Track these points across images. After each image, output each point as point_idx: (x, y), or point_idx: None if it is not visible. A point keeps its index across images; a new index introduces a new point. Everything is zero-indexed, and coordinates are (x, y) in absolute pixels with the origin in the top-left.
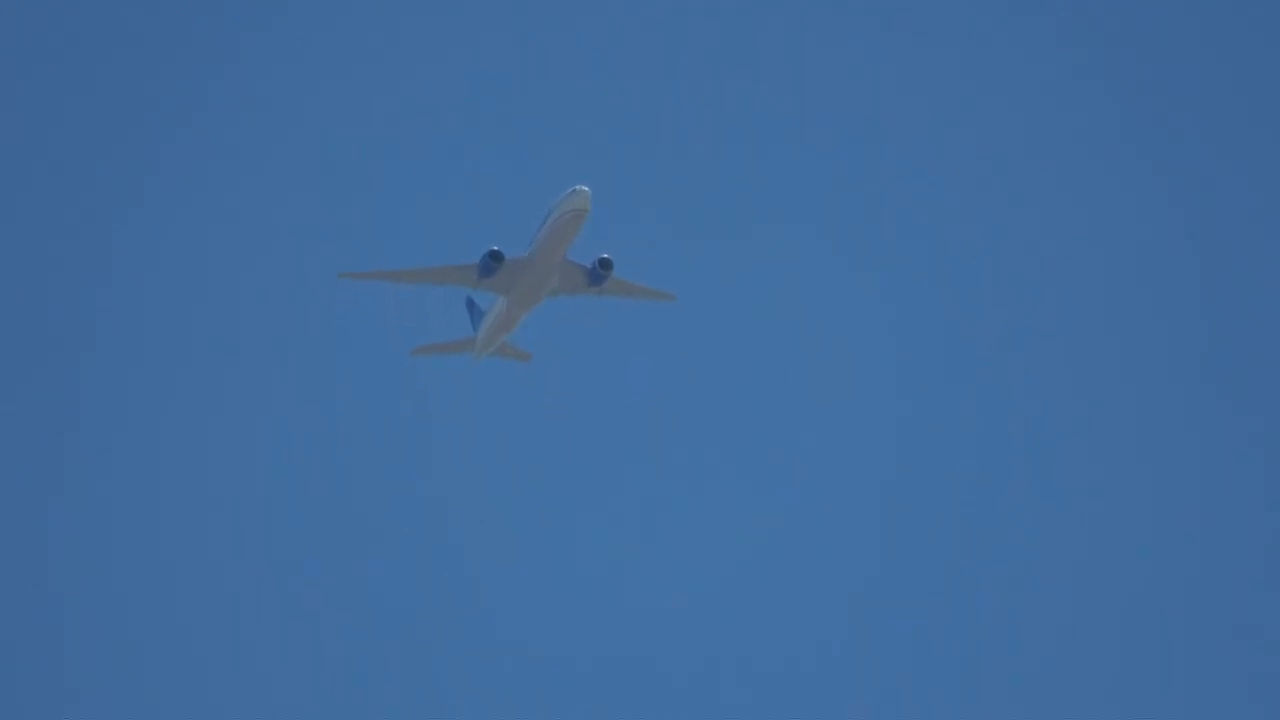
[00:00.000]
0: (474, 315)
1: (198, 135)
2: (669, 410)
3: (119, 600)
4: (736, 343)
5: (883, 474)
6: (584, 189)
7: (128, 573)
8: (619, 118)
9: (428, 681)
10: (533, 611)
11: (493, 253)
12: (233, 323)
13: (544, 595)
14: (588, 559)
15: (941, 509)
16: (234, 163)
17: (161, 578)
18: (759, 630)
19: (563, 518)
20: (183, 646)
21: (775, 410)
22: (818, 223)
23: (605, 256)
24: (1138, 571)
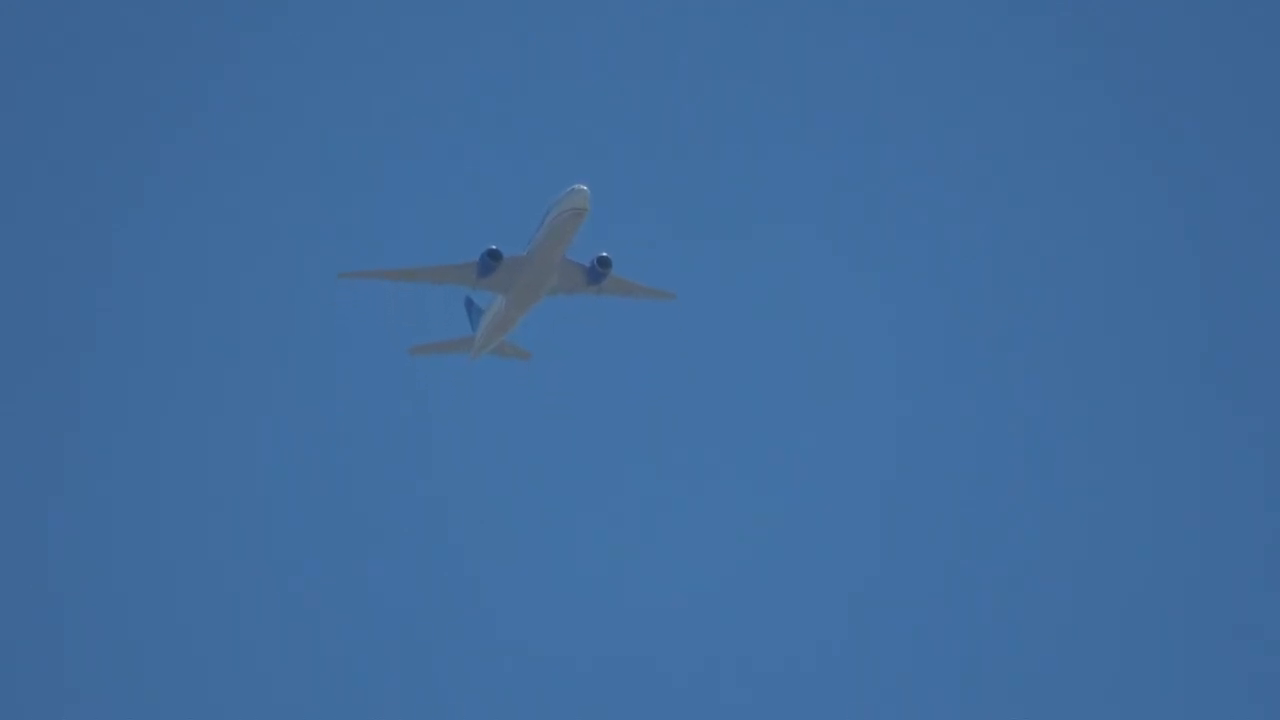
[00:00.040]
0: (472, 315)
1: (198, 135)
2: (668, 409)
3: (119, 600)
4: (736, 342)
5: (883, 474)
6: (583, 188)
7: (128, 572)
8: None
9: (428, 681)
10: (533, 612)
11: (491, 251)
12: (232, 322)
13: (544, 595)
14: (588, 559)
15: (941, 509)
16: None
17: (162, 577)
18: (759, 630)
19: (563, 518)
20: (183, 646)
21: (775, 410)
22: (818, 223)
23: (604, 255)
24: (1138, 571)
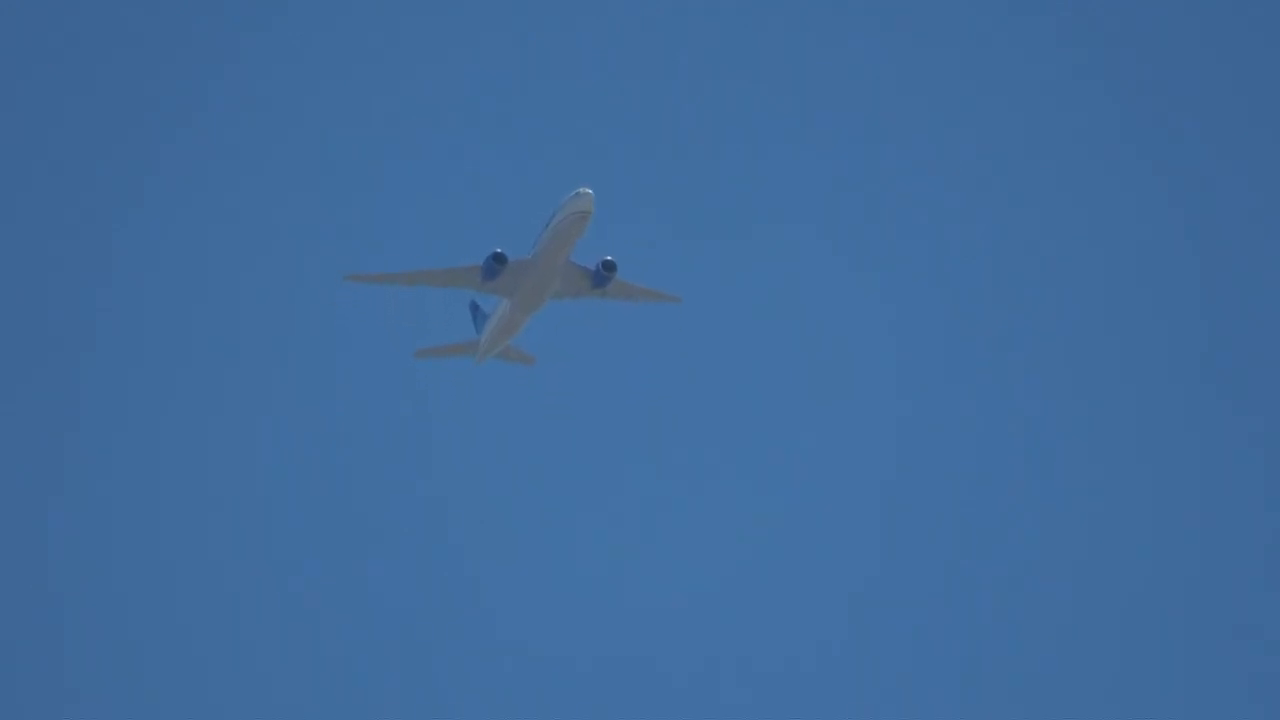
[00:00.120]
0: (477, 318)
1: (198, 135)
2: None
3: (119, 600)
4: (737, 343)
5: (883, 474)
6: (587, 191)
7: (128, 573)
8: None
9: (428, 681)
10: (533, 611)
11: (496, 255)
12: (234, 323)
13: (544, 595)
14: (588, 559)
15: (941, 509)
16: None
17: (162, 578)
18: (759, 630)
19: (564, 519)
20: (183, 646)
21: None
22: (818, 223)
23: (609, 259)
24: (1138, 571)
